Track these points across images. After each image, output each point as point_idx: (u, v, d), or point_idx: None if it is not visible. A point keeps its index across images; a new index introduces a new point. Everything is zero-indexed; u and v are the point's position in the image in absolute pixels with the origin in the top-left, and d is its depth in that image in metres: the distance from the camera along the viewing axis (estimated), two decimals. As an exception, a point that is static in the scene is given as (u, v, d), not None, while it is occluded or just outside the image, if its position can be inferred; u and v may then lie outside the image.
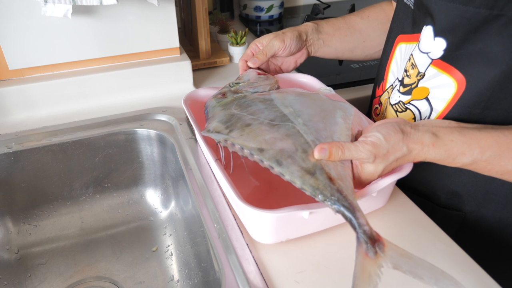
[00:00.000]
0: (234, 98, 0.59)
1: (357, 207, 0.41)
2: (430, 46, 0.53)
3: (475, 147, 0.46)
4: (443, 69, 0.53)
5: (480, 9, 0.46)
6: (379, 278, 0.37)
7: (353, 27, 0.74)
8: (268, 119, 0.51)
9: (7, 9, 0.66)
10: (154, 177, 0.78)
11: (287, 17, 1.27)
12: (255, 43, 0.68)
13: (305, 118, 0.51)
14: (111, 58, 0.78)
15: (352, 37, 0.73)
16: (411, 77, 0.57)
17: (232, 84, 0.63)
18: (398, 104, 0.60)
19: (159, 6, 0.74)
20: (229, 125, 0.52)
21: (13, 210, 0.72)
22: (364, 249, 0.39)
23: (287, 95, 0.57)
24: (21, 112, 0.74)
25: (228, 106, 0.57)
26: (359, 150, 0.45)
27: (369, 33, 0.74)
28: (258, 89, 0.61)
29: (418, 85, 0.56)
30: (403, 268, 0.38)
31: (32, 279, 0.67)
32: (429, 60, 0.54)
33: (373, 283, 0.37)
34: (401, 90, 0.59)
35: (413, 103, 0.57)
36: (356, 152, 0.45)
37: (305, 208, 0.44)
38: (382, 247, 0.39)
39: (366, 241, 0.39)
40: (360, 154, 0.45)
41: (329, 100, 0.57)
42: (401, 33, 0.61)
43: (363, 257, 0.38)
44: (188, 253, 0.68)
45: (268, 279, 0.46)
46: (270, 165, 0.46)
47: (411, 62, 0.57)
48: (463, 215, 0.59)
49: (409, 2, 0.59)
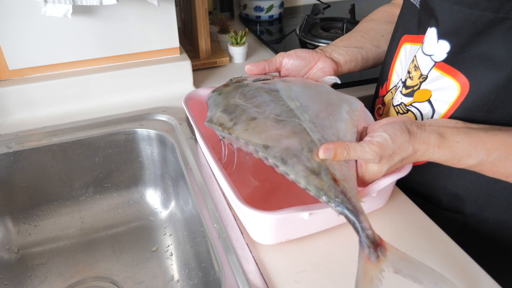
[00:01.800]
0: (237, 85, 0.57)
1: (360, 210, 0.41)
2: (434, 48, 0.52)
3: (481, 149, 0.46)
4: (446, 72, 0.52)
5: (485, 13, 0.46)
6: (381, 282, 0.37)
7: (363, 28, 0.73)
8: (274, 114, 0.50)
9: (7, 9, 0.66)
10: (154, 177, 0.78)
11: (287, 17, 1.27)
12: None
13: (311, 114, 0.50)
14: (111, 58, 0.78)
15: (368, 34, 0.71)
16: (413, 79, 0.56)
17: (234, 79, 0.62)
18: (400, 105, 0.59)
19: (159, 6, 0.74)
20: (233, 117, 0.51)
21: (13, 210, 0.72)
22: (367, 253, 0.39)
23: (292, 85, 0.56)
24: (21, 112, 0.74)
25: (231, 94, 0.55)
26: (364, 151, 0.44)
27: (383, 28, 0.72)
28: (261, 77, 0.60)
29: (421, 87, 0.55)
30: (404, 272, 0.38)
31: (32, 279, 0.67)
32: (432, 63, 0.53)
33: (374, 287, 0.37)
34: (403, 92, 0.58)
35: (415, 105, 0.57)
36: (362, 153, 0.44)
37: (305, 209, 0.44)
38: (384, 251, 0.39)
39: (369, 245, 0.39)
40: (366, 155, 0.44)
41: (335, 92, 0.56)
42: (407, 33, 0.61)
43: (365, 261, 0.38)
44: (188, 253, 0.68)
45: (268, 279, 0.46)
46: (275, 163, 0.45)
47: (414, 64, 0.56)
48: (463, 217, 0.59)
49: (415, 2, 0.58)
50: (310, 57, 0.64)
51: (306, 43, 1.07)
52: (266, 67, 0.64)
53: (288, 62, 0.63)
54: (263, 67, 0.63)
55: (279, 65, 0.64)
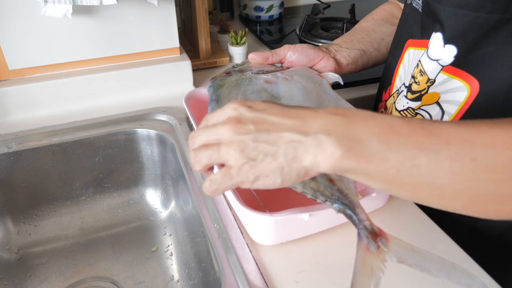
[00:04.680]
0: (240, 77, 0.58)
1: (357, 204, 0.41)
2: (440, 53, 0.52)
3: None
4: (454, 74, 0.52)
5: (491, 15, 0.45)
6: (382, 272, 0.37)
7: (365, 29, 0.73)
8: None
9: (7, 9, 0.66)
10: (154, 177, 0.78)
11: (287, 17, 1.27)
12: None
13: None
14: (111, 58, 0.78)
15: (370, 36, 0.72)
16: (420, 84, 0.56)
17: (237, 65, 0.62)
18: (407, 110, 0.59)
19: (159, 6, 0.74)
20: None
21: (13, 210, 0.72)
22: (365, 244, 0.38)
23: (294, 89, 0.56)
24: (21, 112, 0.74)
25: (233, 92, 0.56)
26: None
27: (383, 30, 0.73)
28: (263, 68, 0.60)
29: (428, 91, 0.55)
30: (409, 261, 0.37)
31: (32, 279, 0.67)
32: (439, 67, 0.53)
33: (375, 277, 0.36)
34: (409, 97, 0.58)
35: (424, 108, 0.56)
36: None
37: (305, 210, 0.44)
38: (385, 242, 0.38)
39: (367, 235, 0.39)
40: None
41: (334, 99, 0.56)
42: (411, 38, 0.60)
43: (364, 252, 0.38)
44: (188, 253, 0.68)
45: (268, 279, 0.46)
46: None
47: (419, 69, 0.56)
48: (474, 221, 0.58)
49: (418, 6, 0.58)
50: (314, 55, 0.64)
51: (306, 43, 1.07)
52: (270, 58, 0.64)
53: (292, 55, 0.64)
54: (266, 57, 0.64)
55: (283, 57, 0.65)
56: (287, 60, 0.65)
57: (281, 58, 0.65)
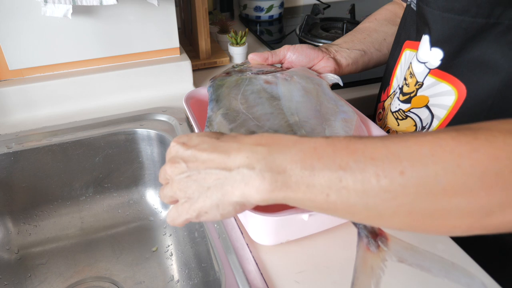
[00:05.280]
0: (239, 78, 0.58)
1: None
2: (427, 56, 0.52)
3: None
4: (441, 78, 0.52)
5: (476, 19, 0.46)
6: (383, 271, 0.37)
7: (367, 29, 0.73)
8: (273, 130, 0.51)
9: (7, 9, 0.66)
10: (154, 177, 0.78)
11: (287, 17, 1.27)
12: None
13: (307, 130, 0.51)
14: (111, 58, 0.78)
15: (371, 37, 0.72)
16: (409, 86, 0.56)
17: (236, 66, 0.63)
18: (398, 112, 0.59)
19: (159, 6, 0.74)
20: (233, 127, 0.51)
21: (13, 210, 0.72)
22: (365, 243, 0.38)
23: (294, 90, 0.56)
24: (21, 112, 0.74)
25: (233, 92, 0.56)
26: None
27: (385, 31, 0.73)
28: (263, 68, 0.60)
29: (417, 94, 0.55)
30: (409, 261, 0.38)
31: (32, 279, 0.67)
32: (427, 70, 0.53)
33: (376, 276, 0.37)
34: (400, 98, 0.58)
35: (413, 111, 0.57)
36: None
37: (305, 210, 0.44)
38: (385, 241, 0.38)
39: (367, 235, 0.39)
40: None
41: (334, 100, 0.57)
42: (408, 39, 0.61)
43: (364, 251, 0.38)
44: (188, 253, 0.68)
45: (268, 279, 0.46)
46: None
47: (410, 71, 0.56)
48: None
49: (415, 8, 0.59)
50: (314, 55, 0.65)
51: (306, 43, 1.07)
52: (270, 58, 0.65)
53: (292, 56, 0.64)
54: (266, 58, 0.64)
55: (282, 57, 0.65)
56: (287, 60, 0.65)
57: (281, 58, 0.65)
